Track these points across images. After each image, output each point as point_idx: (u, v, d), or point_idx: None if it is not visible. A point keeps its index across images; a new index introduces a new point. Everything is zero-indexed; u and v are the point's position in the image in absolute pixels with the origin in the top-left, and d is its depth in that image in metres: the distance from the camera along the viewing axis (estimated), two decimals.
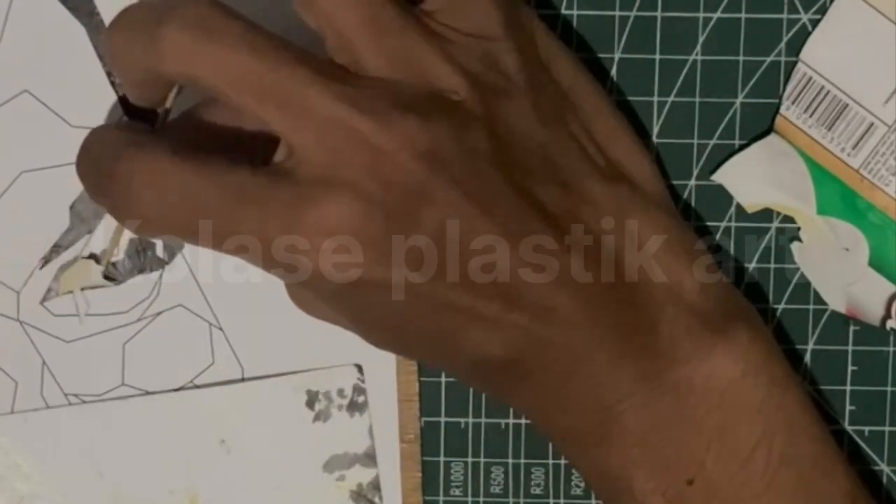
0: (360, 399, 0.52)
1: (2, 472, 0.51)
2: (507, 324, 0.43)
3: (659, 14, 0.51)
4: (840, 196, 0.51)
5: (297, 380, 0.52)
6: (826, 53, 0.50)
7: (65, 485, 0.52)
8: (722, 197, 0.51)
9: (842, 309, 0.51)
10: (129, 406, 0.51)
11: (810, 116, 0.50)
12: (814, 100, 0.50)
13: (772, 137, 0.51)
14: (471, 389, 0.52)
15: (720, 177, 0.51)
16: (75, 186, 0.50)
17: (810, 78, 0.50)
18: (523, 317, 0.43)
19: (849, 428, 0.52)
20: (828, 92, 0.50)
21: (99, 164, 0.42)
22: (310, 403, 0.52)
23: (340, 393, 0.52)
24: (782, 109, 0.51)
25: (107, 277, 0.51)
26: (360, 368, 0.52)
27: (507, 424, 0.53)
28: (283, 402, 0.52)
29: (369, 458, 0.52)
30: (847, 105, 0.50)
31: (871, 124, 0.50)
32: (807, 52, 0.50)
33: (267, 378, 0.52)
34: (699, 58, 0.51)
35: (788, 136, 0.51)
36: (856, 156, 0.50)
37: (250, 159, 0.42)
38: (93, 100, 0.50)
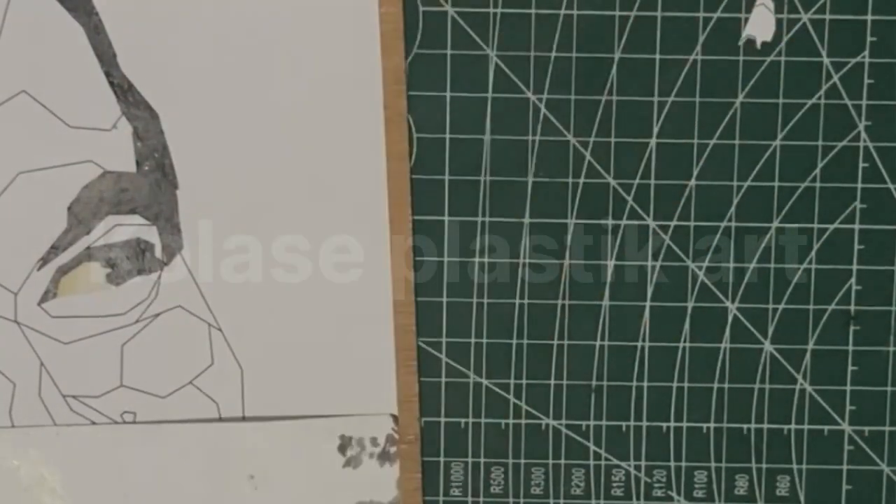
0: (392, 450, 0.52)
1: (28, 484, 0.51)
2: None
3: (659, 14, 0.51)
4: None
5: (331, 423, 0.52)
6: None
7: (89, 503, 0.51)
8: (722, 197, 0.51)
9: None
10: (162, 432, 0.51)
11: None
12: None
13: None
14: (471, 389, 0.52)
15: None
16: (73, 187, 0.50)
17: None
18: None
19: (849, 428, 0.52)
20: None
21: None
22: (342, 448, 0.52)
23: (374, 441, 0.52)
24: None
25: None
26: (395, 419, 0.52)
27: (507, 424, 0.53)
28: (315, 444, 0.52)
29: None
30: None
31: None
32: None
33: (302, 419, 0.52)
34: (699, 58, 0.51)
35: None
36: None
37: None
38: (91, 100, 0.50)
